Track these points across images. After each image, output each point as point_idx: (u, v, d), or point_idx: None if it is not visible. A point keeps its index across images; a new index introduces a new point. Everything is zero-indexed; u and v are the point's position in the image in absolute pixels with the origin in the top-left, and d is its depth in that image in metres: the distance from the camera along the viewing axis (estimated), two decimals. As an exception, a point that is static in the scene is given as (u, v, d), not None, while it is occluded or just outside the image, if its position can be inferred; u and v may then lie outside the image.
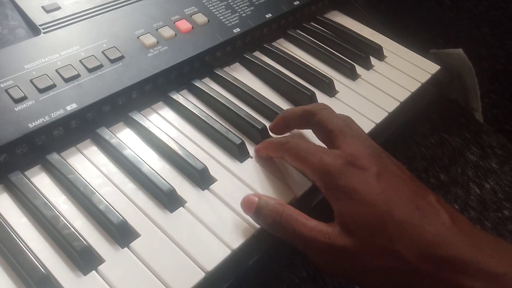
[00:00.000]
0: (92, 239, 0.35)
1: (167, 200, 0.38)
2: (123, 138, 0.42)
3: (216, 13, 0.53)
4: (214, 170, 0.41)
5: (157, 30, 0.48)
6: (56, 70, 0.41)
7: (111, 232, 0.35)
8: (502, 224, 0.53)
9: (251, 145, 0.44)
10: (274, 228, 0.35)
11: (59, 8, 0.46)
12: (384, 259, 0.31)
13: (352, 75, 0.55)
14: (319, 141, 0.40)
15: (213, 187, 0.40)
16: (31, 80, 0.40)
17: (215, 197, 0.39)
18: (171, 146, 0.41)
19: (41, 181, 0.38)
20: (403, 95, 0.54)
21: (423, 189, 0.34)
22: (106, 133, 0.42)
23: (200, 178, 0.40)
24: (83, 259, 0.33)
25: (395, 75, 0.57)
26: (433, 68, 0.59)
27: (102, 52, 0.44)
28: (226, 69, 0.53)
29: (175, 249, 0.35)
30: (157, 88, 0.46)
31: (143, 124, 0.43)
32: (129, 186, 0.39)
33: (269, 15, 0.56)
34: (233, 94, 0.50)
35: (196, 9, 0.52)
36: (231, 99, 0.48)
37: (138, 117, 0.44)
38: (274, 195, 0.39)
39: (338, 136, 0.36)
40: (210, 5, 0.53)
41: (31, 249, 0.33)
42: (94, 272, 0.33)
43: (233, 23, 0.53)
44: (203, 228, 0.37)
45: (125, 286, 0.33)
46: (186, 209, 0.38)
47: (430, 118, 0.64)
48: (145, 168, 0.39)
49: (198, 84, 0.49)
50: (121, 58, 0.44)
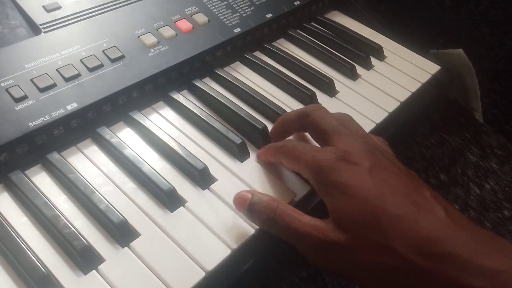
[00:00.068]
0: (92, 239, 0.35)
1: (168, 200, 0.38)
2: (124, 137, 0.42)
3: (216, 13, 0.53)
4: (214, 170, 0.41)
5: (157, 29, 0.48)
6: (57, 70, 0.41)
7: (111, 231, 0.35)
8: (502, 225, 0.53)
9: (251, 145, 0.44)
10: (268, 224, 0.35)
11: (59, 7, 0.46)
12: (378, 255, 0.30)
13: (352, 75, 0.55)
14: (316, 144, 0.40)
15: (214, 186, 0.40)
16: (31, 80, 0.40)
17: (215, 197, 0.39)
18: (171, 146, 0.41)
19: (42, 181, 0.38)
20: (403, 95, 0.54)
21: (419, 184, 0.33)
22: (106, 132, 0.42)
23: (201, 177, 0.40)
24: (83, 258, 0.33)
25: (395, 75, 0.57)
26: (433, 68, 0.59)
27: (103, 51, 0.44)
28: (227, 69, 0.53)
29: (175, 248, 0.35)
30: (158, 87, 0.46)
31: (144, 123, 0.43)
32: (130, 185, 0.39)
33: (269, 15, 0.56)
34: (234, 94, 0.50)
35: (197, 9, 0.52)
36: (232, 99, 0.48)
37: (139, 117, 0.44)
38: (274, 195, 0.39)
39: (331, 135, 0.36)
40: (211, 5, 0.53)
41: (31, 249, 0.33)
42: (94, 271, 0.33)
43: (233, 23, 0.53)
44: (203, 228, 0.37)
45: (125, 286, 0.33)
46: (186, 208, 0.38)
47: (430, 118, 0.64)
48: (145, 168, 0.39)
49: (198, 83, 0.49)
50: (121, 57, 0.44)
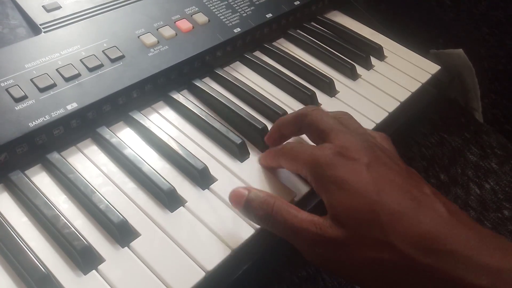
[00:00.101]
0: (92, 239, 0.35)
1: (167, 200, 0.38)
2: (124, 137, 0.42)
3: (216, 12, 0.53)
4: (214, 170, 0.41)
5: (157, 29, 0.48)
6: (57, 70, 0.41)
7: (111, 231, 0.35)
8: (502, 224, 0.53)
9: (251, 145, 0.44)
10: (265, 221, 0.34)
11: (59, 7, 0.46)
12: (377, 251, 0.29)
13: (352, 75, 0.55)
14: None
15: (213, 186, 0.40)
16: (31, 80, 0.40)
17: (215, 197, 0.39)
18: (171, 146, 0.41)
19: (42, 181, 0.38)
20: (403, 95, 0.54)
21: (419, 181, 0.33)
22: (106, 132, 0.42)
23: (200, 177, 0.40)
24: (83, 258, 0.33)
25: (395, 75, 0.57)
26: (433, 68, 0.59)
27: (103, 51, 0.44)
28: (227, 68, 0.53)
29: (175, 248, 0.35)
30: (158, 87, 0.46)
31: (144, 123, 0.43)
32: (130, 185, 0.39)
33: (269, 15, 0.56)
34: (234, 93, 0.50)
35: (197, 8, 0.52)
36: (232, 99, 0.48)
37: (139, 117, 0.44)
38: (275, 194, 0.39)
39: (329, 134, 0.36)
40: (211, 5, 0.53)
41: (31, 249, 0.33)
42: (94, 271, 0.33)
43: (233, 22, 0.53)
44: (203, 228, 0.37)
45: (125, 286, 0.33)
46: (186, 208, 0.38)
47: (430, 118, 0.64)
48: (145, 168, 0.39)
49: (198, 83, 0.49)
50: (121, 57, 0.44)
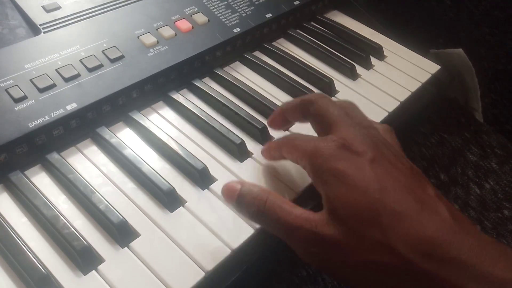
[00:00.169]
0: (92, 239, 0.35)
1: (167, 200, 0.37)
2: (123, 137, 0.42)
3: (216, 12, 0.53)
4: (214, 170, 0.41)
5: (157, 29, 0.48)
6: (56, 70, 0.41)
7: (111, 231, 0.35)
8: (502, 224, 0.53)
9: (251, 145, 0.44)
10: (258, 217, 0.33)
11: (59, 7, 0.46)
12: (376, 253, 0.28)
13: (352, 75, 0.55)
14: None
15: (213, 186, 0.40)
16: (31, 80, 0.40)
17: (215, 197, 0.39)
18: (171, 146, 0.41)
19: (41, 181, 0.38)
20: (403, 95, 0.54)
21: (423, 181, 0.31)
22: (106, 132, 0.42)
23: (200, 177, 0.40)
24: (83, 258, 0.33)
25: (395, 75, 0.57)
26: (433, 68, 0.59)
27: (102, 51, 0.44)
28: (226, 68, 0.53)
29: (175, 248, 0.35)
30: (157, 87, 0.46)
31: (143, 123, 0.43)
32: (129, 185, 0.39)
33: (269, 15, 0.56)
34: (233, 93, 0.50)
35: (196, 8, 0.52)
36: (231, 99, 0.48)
37: (138, 117, 0.44)
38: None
39: (334, 125, 0.34)
40: (210, 5, 0.53)
41: (31, 249, 0.33)
42: (94, 271, 0.33)
43: (233, 22, 0.53)
44: (203, 228, 0.37)
45: (125, 286, 0.33)
46: (186, 208, 0.38)
47: (430, 118, 0.64)
48: (145, 168, 0.39)
49: (198, 83, 0.49)
50: (121, 57, 0.44)
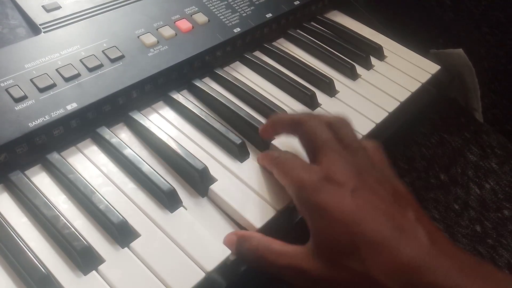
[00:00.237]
0: (92, 239, 0.35)
1: (167, 200, 0.37)
2: (124, 137, 0.42)
3: (216, 12, 0.53)
4: (214, 170, 0.41)
5: (157, 29, 0.48)
6: (57, 70, 0.41)
7: (111, 232, 0.35)
8: (502, 224, 0.53)
9: (251, 145, 0.44)
10: (256, 267, 0.34)
11: (59, 7, 0.46)
12: (358, 284, 0.29)
13: (352, 75, 0.55)
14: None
15: (213, 187, 0.40)
16: (31, 80, 0.40)
17: (215, 197, 0.39)
18: (171, 146, 0.41)
19: (41, 181, 0.38)
20: (403, 95, 0.54)
21: (404, 204, 0.32)
22: (106, 132, 0.42)
23: (200, 178, 0.39)
24: (83, 259, 0.33)
25: (395, 75, 0.57)
26: (433, 68, 0.59)
27: (103, 51, 0.44)
28: (227, 68, 0.53)
29: (175, 249, 0.35)
30: (158, 87, 0.46)
31: (144, 123, 0.43)
32: (129, 186, 0.39)
33: (269, 15, 0.56)
34: (233, 93, 0.50)
35: (197, 8, 0.52)
36: (231, 99, 0.48)
37: (139, 117, 0.44)
38: (274, 195, 0.39)
39: (320, 150, 0.35)
40: (211, 5, 0.53)
41: (31, 249, 0.33)
42: (94, 272, 0.33)
43: (233, 22, 0.53)
44: (203, 228, 0.37)
45: (125, 286, 0.33)
46: (186, 209, 0.38)
47: (430, 118, 0.64)
48: (145, 168, 0.39)
49: (198, 83, 0.49)
50: (121, 57, 0.44)
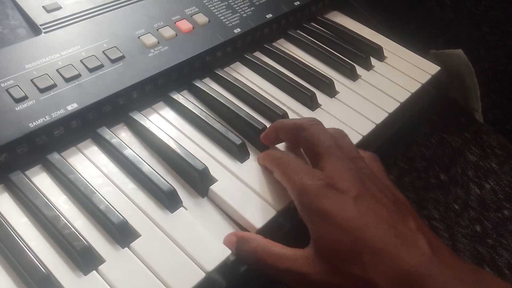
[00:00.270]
0: (92, 239, 0.35)
1: (168, 200, 0.38)
2: (124, 138, 0.42)
3: (216, 13, 0.53)
4: (214, 170, 0.41)
5: (157, 30, 0.48)
6: (57, 70, 0.41)
7: (111, 232, 0.35)
8: (502, 224, 0.53)
9: (251, 146, 0.44)
10: (256, 269, 0.35)
11: (60, 8, 0.46)
12: None
13: (352, 75, 0.55)
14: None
15: (213, 187, 0.40)
16: (31, 80, 0.40)
17: (215, 197, 0.39)
18: (171, 146, 0.41)
19: (42, 181, 0.38)
20: (403, 96, 0.54)
21: (405, 214, 0.32)
22: (106, 133, 0.42)
23: (200, 178, 0.40)
24: (84, 259, 0.33)
25: (395, 76, 0.57)
26: (433, 68, 0.59)
27: (103, 52, 0.44)
28: (227, 69, 0.53)
29: (176, 249, 0.35)
30: (158, 88, 0.46)
31: (144, 124, 0.43)
32: (130, 186, 0.39)
33: (269, 16, 0.56)
34: (234, 94, 0.50)
35: (197, 9, 0.52)
36: (232, 99, 0.48)
37: (139, 117, 0.44)
38: (274, 196, 0.39)
39: (323, 155, 0.35)
40: (211, 5, 0.53)
41: (31, 249, 0.33)
42: (94, 272, 0.33)
43: (233, 23, 0.53)
44: (203, 228, 0.37)
45: (126, 286, 0.33)
46: (186, 209, 0.38)
47: (430, 118, 0.64)
48: (145, 168, 0.39)
49: (198, 84, 0.49)
50: (121, 58, 0.44)
